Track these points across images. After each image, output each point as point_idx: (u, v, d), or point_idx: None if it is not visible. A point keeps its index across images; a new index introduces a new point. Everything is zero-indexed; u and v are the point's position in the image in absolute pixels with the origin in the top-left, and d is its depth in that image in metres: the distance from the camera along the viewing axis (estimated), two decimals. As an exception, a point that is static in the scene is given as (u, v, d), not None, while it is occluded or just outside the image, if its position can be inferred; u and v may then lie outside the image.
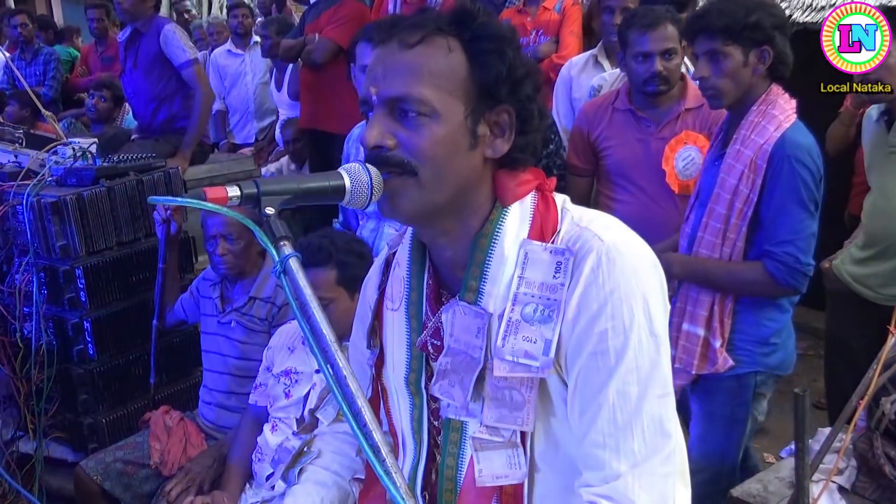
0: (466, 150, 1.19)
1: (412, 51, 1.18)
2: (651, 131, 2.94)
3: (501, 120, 1.22)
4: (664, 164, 2.87)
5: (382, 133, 1.17)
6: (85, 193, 3.29)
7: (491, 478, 1.24)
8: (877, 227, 2.98)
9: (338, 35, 4.90)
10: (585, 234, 1.19)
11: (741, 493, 2.36)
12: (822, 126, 3.66)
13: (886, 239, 2.95)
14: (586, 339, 1.15)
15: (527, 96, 1.23)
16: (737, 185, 2.38)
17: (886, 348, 2.06)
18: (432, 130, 1.16)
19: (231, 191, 1.07)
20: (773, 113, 2.40)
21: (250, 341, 2.93)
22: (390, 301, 1.37)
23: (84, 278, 3.28)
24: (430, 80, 1.17)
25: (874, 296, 3.01)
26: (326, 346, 1.02)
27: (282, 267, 1.06)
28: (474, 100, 1.19)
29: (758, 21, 2.35)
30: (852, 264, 3.11)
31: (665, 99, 2.93)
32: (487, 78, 1.19)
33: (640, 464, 1.14)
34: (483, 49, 1.19)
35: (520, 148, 1.24)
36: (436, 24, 1.19)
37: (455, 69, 1.18)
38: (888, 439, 2.23)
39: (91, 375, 3.34)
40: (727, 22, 2.36)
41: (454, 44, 1.19)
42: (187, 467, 2.85)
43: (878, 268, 2.99)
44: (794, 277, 2.37)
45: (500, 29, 1.21)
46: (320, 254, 2.38)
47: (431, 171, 1.17)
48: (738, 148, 2.41)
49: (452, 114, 1.17)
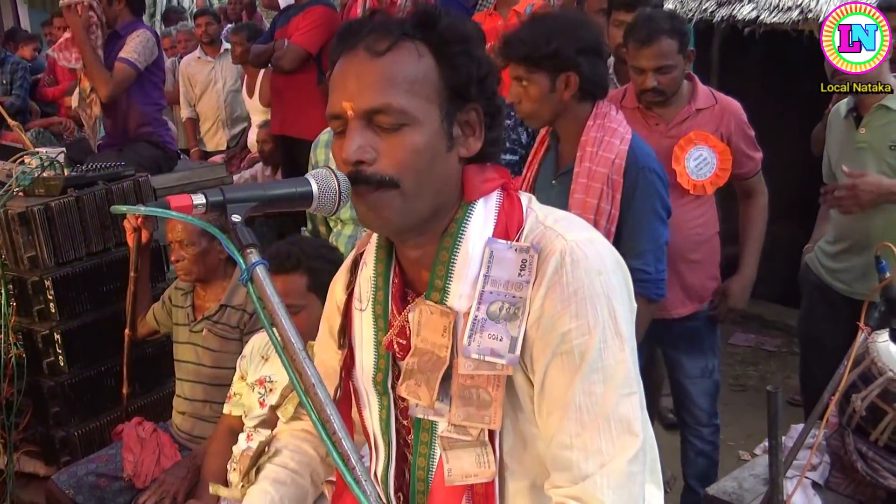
0: (444, 153, 1.19)
1: (383, 59, 1.16)
2: (660, 129, 2.95)
3: (471, 118, 1.22)
4: (674, 163, 2.88)
5: (362, 147, 1.15)
6: (53, 204, 3.25)
7: (460, 477, 1.23)
8: (846, 223, 3.00)
9: (306, 41, 4.89)
10: (549, 233, 1.20)
11: (717, 492, 2.38)
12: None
13: (856, 234, 2.98)
14: (551, 340, 1.15)
15: (493, 91, 1.24)
16: (598, 204, 2.42)
17: (856, 345, 2.08)
18: (413, 139, 1.16)
19: (196, 199, 1.06)
20: (612, 127, 2.49)
21: (223, 349, 2.91)
22: (358, 301, 1.36)
23: (53, 289, 3.24)
24: (406, 87, 1.16)
25: (847, 290, 3.03)
26: (295, 353, 1.01)
27: (248, 275, 1.05)
28: (447, 102, 1.19)
29: (557, 49, 2.41)
30: (826, 258, 3.14)
31: (673, 99, 2.94)
32: (458, 79, 1.19)
33: (607, 463, 1.14)
34: (452, 51, 1.19)
35: (490, 142, 1.25)
36: (401, 30, 1.18)
37: (427, 74, 1.18)
38: (859, 435, 2.25)
39: (62, 388, 3.30)
40: (527, 51, 2.44)
41: (422, 48, 1.18)
42: (161, 479, 2.82)
43: (850, 263, 3.02)
44: (658, 288, 2.52)
45: (465, 29, 1.21)
46: (290, 261, 2.36)
47: (414, 180, 1.16)
48: (589, 166, 2.46)
49: (430, 119, 1.17)
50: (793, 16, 4.45)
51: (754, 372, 4.85)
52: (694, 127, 2.91)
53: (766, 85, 2.96)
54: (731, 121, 2.93)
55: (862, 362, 2.25)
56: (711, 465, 3.19)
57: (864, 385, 2.22)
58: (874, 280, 2.92)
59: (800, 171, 3.41)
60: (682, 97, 2.96)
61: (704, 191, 2.93)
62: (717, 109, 2.94)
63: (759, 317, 5.20)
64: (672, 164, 2.88)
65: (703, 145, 2.89)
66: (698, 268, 3.00)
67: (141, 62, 4.53)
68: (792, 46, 4.51)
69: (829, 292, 3.11)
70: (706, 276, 3.05)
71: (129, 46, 4.49)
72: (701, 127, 2.91)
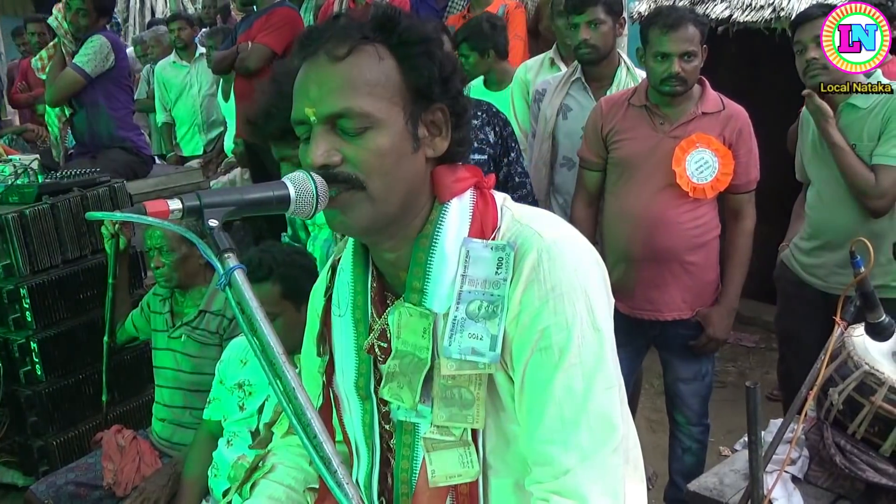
0: (410, 154, 1.19)
1: (343, 63, 1.16)
2: (664, 129, 2.93)
3: (437, 118, 1.22)
4: (675, 164, 2.86)
5: (327, 151, 1.15)
6: (27, 211, 3.22)
7: (444, 477, 1.23)
8: (821, 219, 3.03)
9: (272, 41, 4.85)
10: (526, 231, 1.20)
11: (698, 488, 2.39)
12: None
13: (830, 230, 3.00)
14: (530, 337, 1.16)
15: (457, 91, 1.24)
16: None
17: (833, 339, 2.10)
18: (377, 141, 1.16)
19: (173, 204, 1.05)
20: None
21: (202, 355, 2.89)
22: (337, 307, 1.36)
23: (29, 297, 3.22)
24: (368, 90, 1.16)
25: (823, 285, 3.06)
26: (274, 358, 1.01)
27: (227, 279, 1.04)
28: (410, 103, 1.19)
29: None
30: (801, 254, 3.16)
31: (682, 99, 2.92)
32: (421, 80, 1.19)
33: (588, 457, 1.15)
34: (412, 52, 1.19)
35: (457, 142, 1.25)
36: (361, 33, 1.18)
37: (389, 76, 1.18)
38: (837, 429, 2.27)
39: (40, 397, 3.27)
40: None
41: (383, 51, 1.18)
42: (141, 486, 2.80)
43: (824, 258, 3.05)
44: None
45: (424, 30, 1.21)
46: (261, 269, 2.35)
47: (381, 182, 1.16)
48: None
49: (394, 121, 1.17)
50: (765, 14, 4.49)
51: (733, 368, 4.88)
52: (698, 129, 2.88)
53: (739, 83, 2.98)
54: (735, 128, 2.89)
55: (839, 356, 2.27)
56: (698, 463, 3.20)
57: (841, 379, 2.24)
58: (849, 275, 2.96)
59: (774, 169, 3.43)
60: (690, 99, 2.93)
61: (704, 194, 2.89)
62: (724, 115, 2.90)
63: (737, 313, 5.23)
64: (672, 165, 2.87)
65: (705, 148, 2.86)
66: (696, 270, 2.97)
67: (90, 68, 4.51)
68: (765, 45, 4.55)
69: (806, 288, 3.13)
70: (704, 279, 3.01)
71: (80, 52, 4.49)
72: (705, 131, 2.88)
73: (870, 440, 2.20)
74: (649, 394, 4.14)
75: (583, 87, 3.43)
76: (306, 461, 1.51)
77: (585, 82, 3.43)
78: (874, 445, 2.20)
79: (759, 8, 4.49)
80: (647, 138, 2.94)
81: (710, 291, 3.04)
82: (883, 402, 2.15)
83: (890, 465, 2.17)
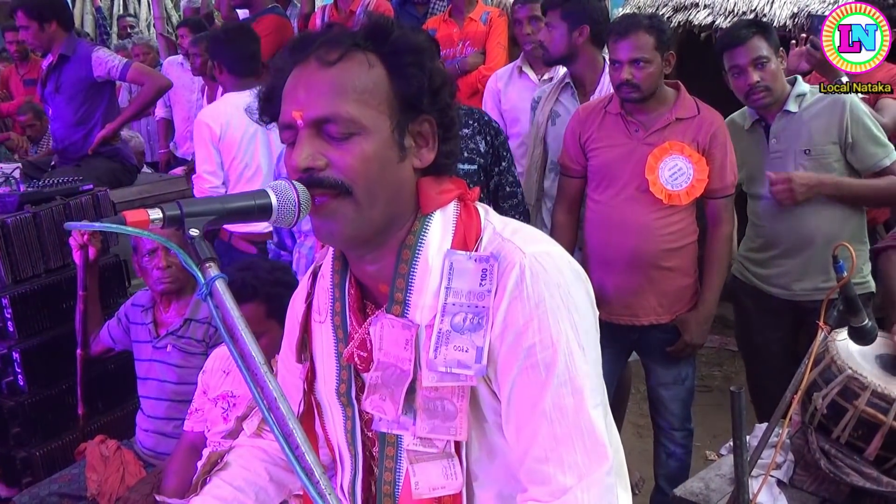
0: (396, 163, 1.19)
1: (333, 69, 1.17)
2: (639, 136, 2.94)
3: (424, 129, 1.22)
4: (648, 172, 2.87)
5: (312, 154, 1.15)
6: (9, 220, 3.20)
7: (428, 489, 1.23)
8: (781, 229, 3.00)
9: None
10: (508, 245, 1.20)
11: (683, 493, 2.38)
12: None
13: (789, 238, 2.99)
14: (515, 355, 1.16)
15: (446, 104, 1.24)
16: None
17: (816, 344, 2.10)
18: (362, 147, 1.15)
19: (153, 213, 1.04)
20: None
21: (188, 364, 2.88)
22: (317, 313, 1.36)
23: (11, 307, 3.19)
24: (355, 96, 1.16)
25: (787, 293, 3.04)
26: (256, 367, 1.00)
27: (208, 289, 1.04)
28: (398, 112, 1.19)
29: None
30: (755, 266, 3.13)
31: (656, 105, 2.93)
32: (409, 90, 1.19)
33: (585, 476, 1.15)
34: (403, 62, 1.19)
35: (444, 154, 1.25)
36: (352, 41, 1.19)
37: (378, 84, 1.18)
38: (822, 433, 2.28)
39: (22, 408, 3.25)
40: None
41: (373, 59, 1.19)
42: (125, 497, 2.78)
43: (785, 267, 3.02)
44: None
45: (416, 40, 1.21)
46: (246, 290, 2.34)
47: (365, 189, 1.16)
48: None
49: (380, 129, 1.17)
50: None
51: (719, 372, 4.90)
52: (672, 135, 2.89)
53: (722, 89, 2.99)
54: (709, 133, 2.89)
55: (822, 361, 2.27)
56: (682, 467, 3.20)
57: (825, 383, 2.25)
58: (815, 278, 2.96)
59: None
60: (663, 104, 2.94)
61: (680, 201, 2.89)
62: (698, 120, 2.91)
63: (722, 318, 5.23)
64: (646, 173, 2.88)
65: (678, 154, 2.86)
66: (672, 275, 2.97)
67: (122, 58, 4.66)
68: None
69: (768, 299, 3.11)
70: (681, 283, 3.00)
71: (107, 63, 4.54)
72: (679, 136, 2.89)
73: (854, 444, 2.21)
74: (636, 399, 4.14)
75: (571, 94, 3.44)
76: (263, 466, 1.50)
77: (574, 88, 3.44)
78: (858, 449, 2.20)
79: (742, 14, 4.51)
80: (623, 145, 2.96)
81: (688, 296, 3.03)
82: (866, 407, 2.15)
83: (874, 469, 2.17)
